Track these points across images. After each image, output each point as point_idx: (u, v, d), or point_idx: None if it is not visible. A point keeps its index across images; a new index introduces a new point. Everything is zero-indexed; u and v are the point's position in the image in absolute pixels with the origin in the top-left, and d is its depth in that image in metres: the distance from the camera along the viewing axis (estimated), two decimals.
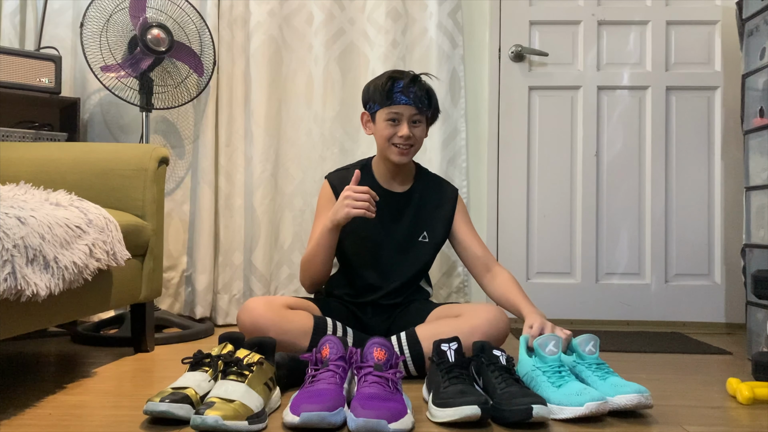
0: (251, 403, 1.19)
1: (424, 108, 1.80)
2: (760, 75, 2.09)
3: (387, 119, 1.80)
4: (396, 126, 1.79)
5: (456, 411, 1.21)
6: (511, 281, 1.81)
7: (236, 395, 1.19)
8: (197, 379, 1.28)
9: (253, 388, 1.23)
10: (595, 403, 1.25)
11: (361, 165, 1.92)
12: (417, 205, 1.90)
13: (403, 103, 1.78)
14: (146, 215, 1.89)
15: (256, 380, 1.26)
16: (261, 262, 2.49)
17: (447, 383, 1.29)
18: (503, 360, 1.37)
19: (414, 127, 1.81)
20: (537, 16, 2.66)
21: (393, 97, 1.78)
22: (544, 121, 2.66)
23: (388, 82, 1.79)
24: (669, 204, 2.63)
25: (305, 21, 2.56)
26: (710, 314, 2.60)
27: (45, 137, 2.25)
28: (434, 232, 1.90)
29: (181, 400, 1.20)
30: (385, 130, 1.80)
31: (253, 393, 1.22)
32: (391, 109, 1.79)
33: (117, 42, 2.24)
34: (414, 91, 1.78)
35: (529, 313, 1.66)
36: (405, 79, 1.79)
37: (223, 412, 1.12)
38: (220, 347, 1.37)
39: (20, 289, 1.18)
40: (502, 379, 1.31)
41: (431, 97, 1.83)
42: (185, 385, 1.26)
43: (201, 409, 1.13)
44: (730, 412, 1.39)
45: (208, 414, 1.11)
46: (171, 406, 1.18)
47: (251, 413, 1.18)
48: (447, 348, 1.37)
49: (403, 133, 1.78)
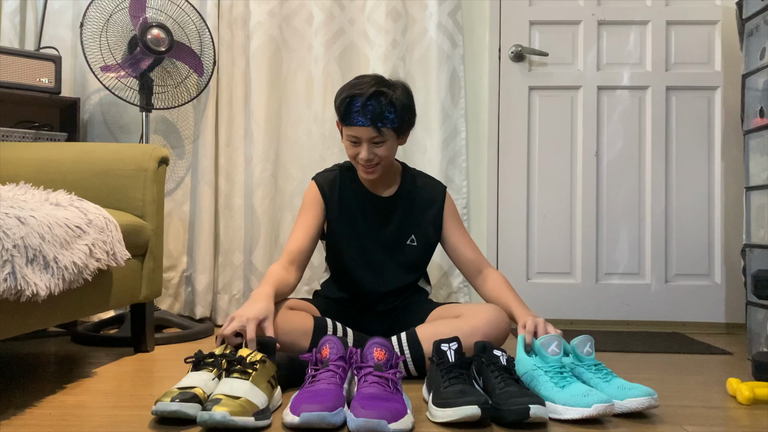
0: (256, 400, 1.20)
1: (386, 126, 1.69)
2: (760, 75, 2.09)
3: (348, 139, 1.74)
4: (357, 147, 1.73)
5: (456, 411, 1.21)
6: (502, 283, 1.80)
7: (241, 392, 1.19)
8: (203, 378, 1.28)
9: (257, 385, 1.24)
10: (603, 405, 1.25)
11: (346, 167, 1.88)
12: (404, 209, 1.87)
13: (359, 125, 1.68)
14: (146, 215, 1.89)
15: (259, 378, 1.26)
16: (261, 262, 2.49)
17: (447, 383, 1.29)
18: (503, 360, 1.37)
19: (376, 147, 1.72)
20: (537, 16, 2.66)
21: (351, 118, 1.68)
22: (544, 121, 2.66)
23: (345, 100, 1.69)
24: (669, 204, 2.63)
25: (305, 21, 2.56)
26: (710, 314, 2.60)
27: (45, 137, 2.25)
28: (423, 236, 1.88)
29: (191, 399, 1.20)
30: (349, 149, 1.75)
31: (258, 390, 1.23)
32: (349, 130, 1.71)
33: (117, 42, 2.24)
34: (372, 110, 1.66)
35: (522, 314, 1.66)
36: (362, 97, 1.66)
37: (230, 408, 1.13)
38: (222, 347, 1.38)
39: (20, 289, 1.18)
40: (501, 379, 1.31)
41: (396, 108, 1.69)
42: (192, 384, 1.26)
43: (208, 406, 1.14)
44: (730, 412, 1.39)
45: (215, 410, 1.12)
46: (182, 405, 1.18)
47: (257, 409, 1.19)
48: (447, 348, 1.37)
49: (363, 156, 1.71)
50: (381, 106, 1.68)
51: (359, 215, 1.84)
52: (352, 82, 1.74)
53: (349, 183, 1.86)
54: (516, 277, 2.63)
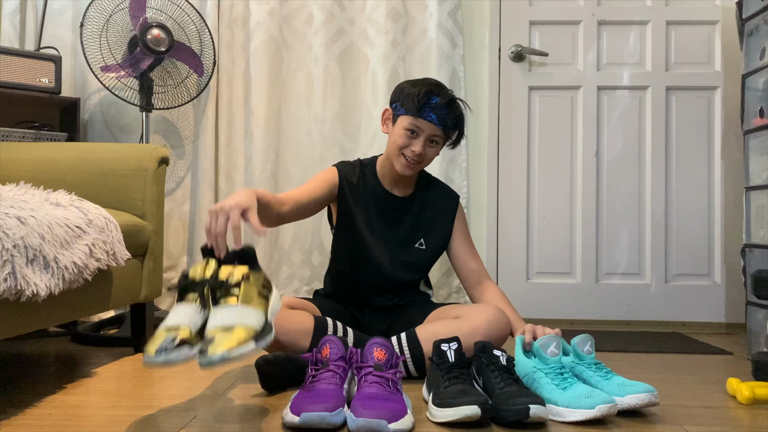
0: (251, 321, 1.13)
1: (447, 131, 1.77)
2: (760, 75, 2.09)
3: (407, 129, 1.75)
4: (412, 138, 1.75)
5: (456, 411, 1.21)
6: (500, 295, 1.81)
7: (234, 320, 1.12)
8: (188, 313, 1.19)
9: (248, 304, 1.17)
10: (606, 406, 1.25)
11: (366, 163, 1.91)
12: (417, 211, 1.89)
13: (429, 120, 1.73)
14: (146, 215, 1.89)
15: (248, 296, 1.18)
16: (261, 262, 2.48)
17: (447, 383, 1.29)
18: (503, 360, 1.37)
19: (429, 146, 1.77)
20: (537, 16, 2.66)
21: (424, 111, 1.73)
22: (544, 121, 2.66)
23: (426, 95, 1.73)
24: (669, 204, 2.63)
25: (305, 21, 2.56)
26: (710, 314, 2.60)
27: (45, 137, 2.25)
28: (432, 241, 1.89)
29: (178, 346, 1.12)
30: (401, 139, 1.76)
31: (250, 309, 1.16)
32: (416, 121, 1.74)
33: (117, 42, 2.24)
34: (446, 113, 1.73)
35: (519, 325, 1.68)
36: (441, 98, 1.74)
37: (226, 344, 1.07)
38: (203, 267, 1.25)
39: (20, 289, 1.18)
40: (501, 379, 1.31)
41: (459, 123, 1.79)
42: (177, 324, 1.16)
43: (203, 348, 1.08)
44: (730, 412, 1.39)
45: (212, 353, 1.06)
46: (169, 356, 1.10)
47: (254, 331, 1.12)
48: (447, 348, 1.37)
49: (416, 149, 1.74)
50: (453, 113, 1.76)
51: (374, 210, 1.86)
52: (427, 80, 1.80)
53: (367, 178, 1.87)
54: (516, 277, 2.63)
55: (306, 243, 2.54)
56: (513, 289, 2.55)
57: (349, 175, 1.86)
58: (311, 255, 2.55)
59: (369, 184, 1.87)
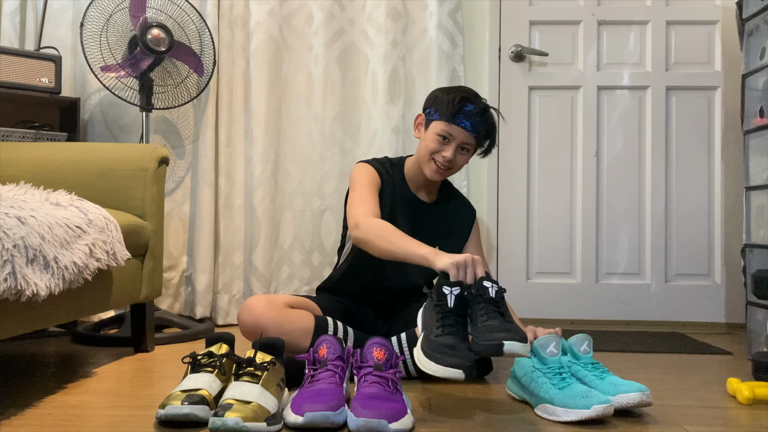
0: (267, 404, 1.19)
1: (480, 140, 1.79)
2: (760, 75, 2.09)
3: (439, 134, 1.76)
4: (444, 144, 1.77)
5: (441, 370, 1.21)
6: None
7: (252, 396, 1.18)
8: (206, 380, 1.27)
9: (268, 389, 1.23)
10: (602, 406, 1.25)
11: (395, 163, 1.92)
12: (437, 219, 1.91)
13: (462, 127, 1.75)
14: (146, 215, 1.89)
15: (269, 381, 1.25)
16: (261, 262, 2.49)
17: (440, 330, 1.28)
18: (492, 292, 1.31)
19: (460, 153, 1.78)
20: (537, 16, 2.66)
21: (456, 117, 1.74)
22: (544, 121, 2.66)
23: (461, 101, 1.75)
24: (669, 204, 2.63)
25: (305, 21, 2.56)
26: (710, 314, 2.60)
27: (45, 137, 2.25)
28: (447, 250, 1.88)
29: (200, 402, 1.19)
30: (432, 143, 1.78)
31: (268, 394, 1.22)
32: (449, 127, 1.75)
33: (117, 42, 2.24)
34: (480, 121, 1.75)
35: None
36: (476, 106, 1.76)
37: (242, 413, 1.12)
38: (217, 347, 1.36)
39: (20, 289, 1.18)
40: (485, 312, 1.28)
41: (491, 132, 1.81)
42: (198, 387, 1.24)
43: (219, 411, 1.13)
44: (730, 412, 1.39)
45: (227, 416, 1.11)
46: (193, 408, 1.17)
47: (268, 414, 1.17)
48: (449, 292, 1.33)
49: (447, 154, 1.75)
50: (486, 122, 1.78)
51: (399, 211, 1.86)
52: (462, 88, 1.82)
53: (396, 179, 1.88)
54: (516, 277, 2.63)
55: (306, 243, 2.54)
56: (513, 289, 2.55)
57: (383, 174, 1.87)
58: (311, 255, 2.55)
59: (397, 185, 1.88)
